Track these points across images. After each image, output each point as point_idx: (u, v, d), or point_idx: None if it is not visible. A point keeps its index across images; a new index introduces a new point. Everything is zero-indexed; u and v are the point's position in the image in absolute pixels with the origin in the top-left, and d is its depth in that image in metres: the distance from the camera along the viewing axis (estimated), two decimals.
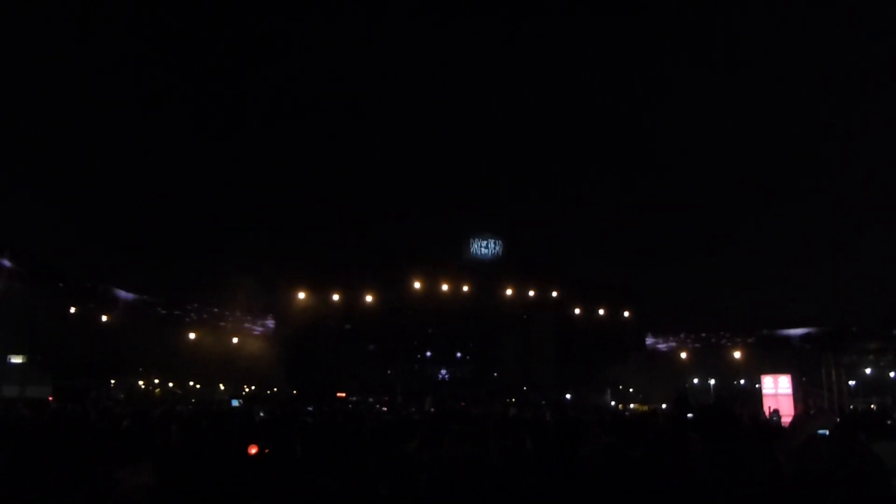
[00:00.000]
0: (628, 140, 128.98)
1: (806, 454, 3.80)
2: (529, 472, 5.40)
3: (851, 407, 29.70)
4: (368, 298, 69.56)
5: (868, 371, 54.43)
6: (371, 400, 60.51)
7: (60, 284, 58.07)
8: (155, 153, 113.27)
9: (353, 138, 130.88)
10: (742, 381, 72.06)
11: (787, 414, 21.51)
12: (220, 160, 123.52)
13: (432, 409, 30.91)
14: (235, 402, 34.74)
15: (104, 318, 59.06)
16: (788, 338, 60.77)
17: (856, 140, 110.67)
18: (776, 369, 30.39)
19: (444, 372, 76.50)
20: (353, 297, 69.98)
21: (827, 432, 3.95)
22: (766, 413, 21.30)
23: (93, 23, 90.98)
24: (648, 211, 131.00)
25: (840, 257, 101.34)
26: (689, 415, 13.55)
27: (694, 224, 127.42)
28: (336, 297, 69.55)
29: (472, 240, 77.93)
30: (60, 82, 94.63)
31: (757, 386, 64.23)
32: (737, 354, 75.08)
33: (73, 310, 56.11)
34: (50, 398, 32.34)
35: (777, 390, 23.50)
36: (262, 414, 18.84)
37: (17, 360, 47.04)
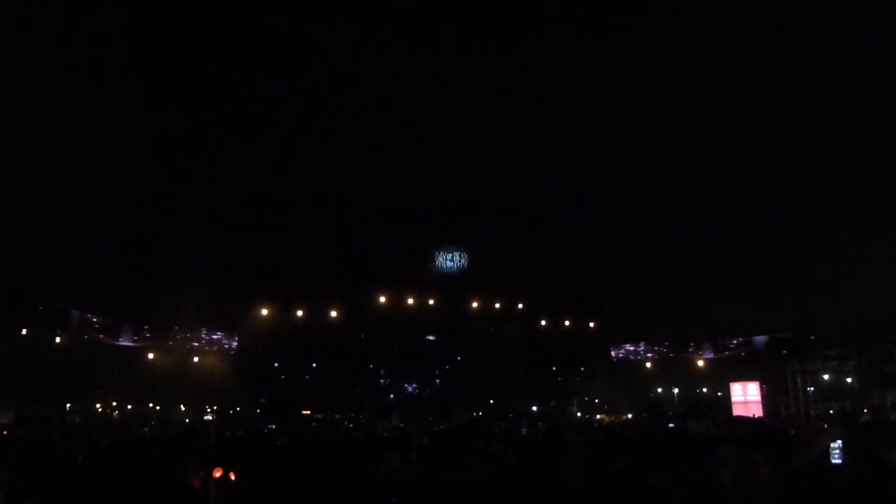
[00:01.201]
0: (591, 153, 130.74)
1: (823, 470, 3.54)
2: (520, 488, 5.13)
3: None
4: (333, 314, 68.59)
5: (825, 377, 55.54)
6: (337, 417, 59.42)
7: (12, 306, 55.93)
8: (115, 166, 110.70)
9: (317, 153, 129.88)
10: (705, 390, 72.92)
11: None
12: (182, 174, 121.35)
13: (401, 425, 30.38)
14: (208, 418, 34.15)
15: (58, 340, 57.03)
16: (751, 345, 61.66)
17: (828, 151, 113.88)
18: (739, 377, 30.69)
19: (410, 387, 75.69)
20: (316, 313, 68.92)
21: (840, 444, 3.70)
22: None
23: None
24: (611, 223, 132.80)
25: (800, 266, 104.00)
26: (671, 424, 13.41)
27: (656, 235, 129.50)
28: (300, 313, 68.40)
29: (437, 253, 77.60)
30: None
31: (720, 394, 65.18)
32: (700, 363, 76.10)
33: (24, 332, 54.08)
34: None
35: (746, 397, 23.63)
36: (226, 433, 18.12)
37: None
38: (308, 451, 7.54)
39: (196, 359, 67.02)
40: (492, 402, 68.20)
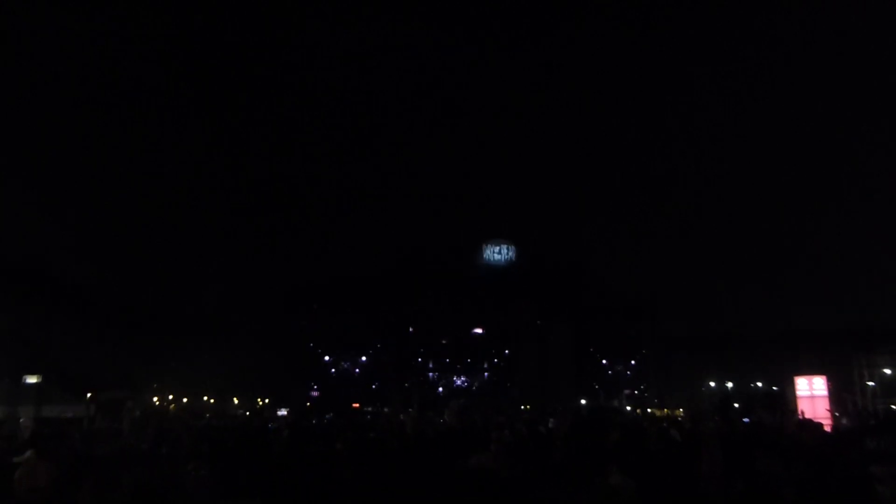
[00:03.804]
0: (646, 147, 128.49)
1: None
2: None
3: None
4: (382, 307, 69.27)
5: (887, 371, 53.40)
6: (386, 410, 60.00)
7: (73, 303, 57.91)
8: (165, 153, 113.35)
9: (364, 146, 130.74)
10: (759, 384, 70.99)
11: (822, 417, 20.84)
12: (222, 162, 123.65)
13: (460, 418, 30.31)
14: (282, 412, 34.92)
15: (120, 336, 58.84)
16: (812, 337, 59.80)
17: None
18: (798, 370, 29.79)
19: (459, 380, 75.78)
20: (366, 307, 69.64)
21: None
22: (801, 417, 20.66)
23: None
24: (663, 215, 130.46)
25: (863, 255, 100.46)
26: (745, 419, 13.07)
27: (709, 224, 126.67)
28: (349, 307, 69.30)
29: (485, 245, 77.34)
30: None
31: (775, 388, 63.36)
32: (753, 355, 74.02)
33: (87, 328, 55.87)
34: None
35: (812, 391, 22.93)
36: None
37: (31, 380, 46.79)
38: (402, 445, 7.59)
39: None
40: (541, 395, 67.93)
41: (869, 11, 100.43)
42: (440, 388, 74.01)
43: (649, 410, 59.38)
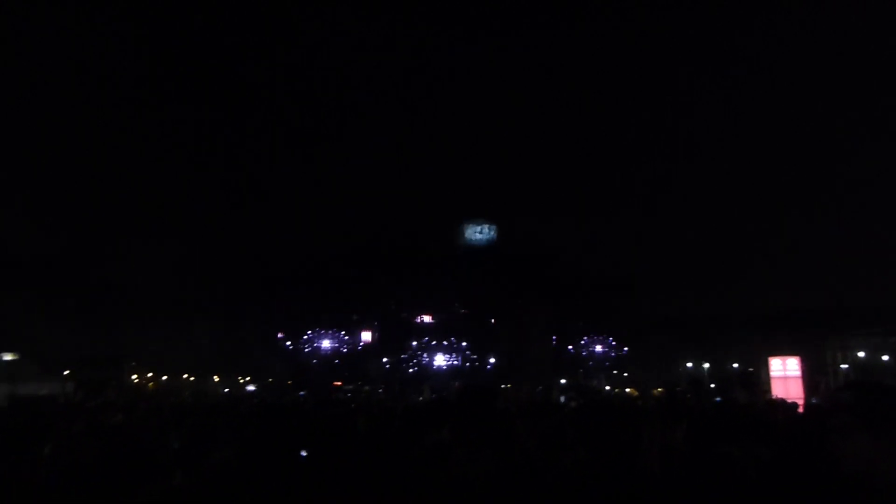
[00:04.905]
0: (624, 129, 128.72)
1: None
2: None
3: None
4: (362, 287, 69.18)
5: (861, 354, 54.38)
6: (366, 388, 60.18)
7: (48, 283, 57.19)
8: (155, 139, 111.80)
9: (348, 129, 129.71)
10: (735, 365, 72.02)
11: (795, 397, 21.17)
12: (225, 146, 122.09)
13: (433, 396, 30.57)
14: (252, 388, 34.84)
15: (95, 311, 58.31)
16: (787, 319, 60.67)
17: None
18: (773, 352, 30.22)
19: (441, 361, 76.11)
20: (346, 287, 69.49)
21: None
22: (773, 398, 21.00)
23: None
24: (640, 197, 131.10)
25: (836, 241, 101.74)
26: (717, 398, 13.21)
27: (685, 206, 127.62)
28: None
29: (465, 225, 77.40)
30: None
31: (751, 370, 64.31)
32: (729, 336, 74.91)
33: (63, 304, 55.30)
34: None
35: (786, 372, 23.28)
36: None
37: (7, 357, 46.34)
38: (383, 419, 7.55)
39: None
40: (518, 375, 68.44)
41: (869, 11, 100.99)
42: (419, 367, 74.30)
43: (627, 390, 60.03)
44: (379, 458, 4.76)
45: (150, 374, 66.30)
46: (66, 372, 45.67)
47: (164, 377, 66.60)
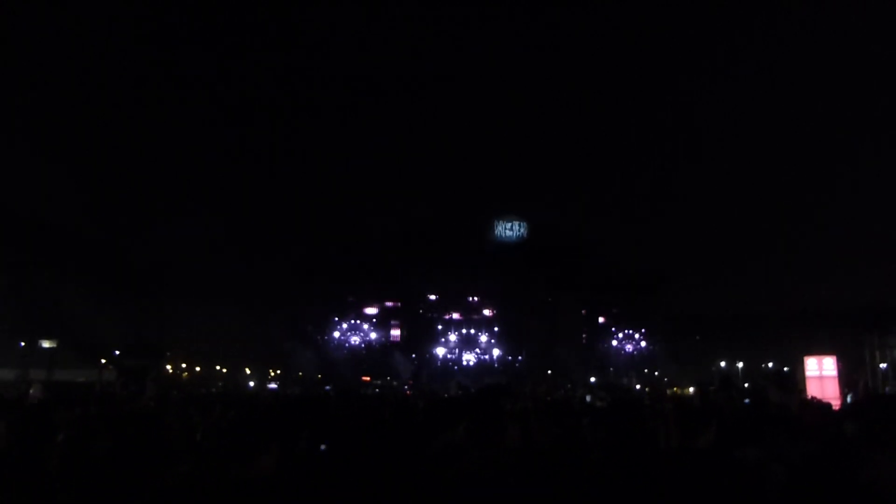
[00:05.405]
0: (656, 125, 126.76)
1: None
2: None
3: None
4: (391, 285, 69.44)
5: None
6: (395, 384, 60.48)
7: (88, 267, 58.23)
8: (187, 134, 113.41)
9: (376, 124, 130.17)
10: (770, 364, 70.64)
11: (831, 397, 20.63)
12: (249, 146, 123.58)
13: (459, 392, 30.48)
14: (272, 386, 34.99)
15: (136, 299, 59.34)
16: (825, 317, 59.19)
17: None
18: (809, 351, 29.51)
19: (470, 357, 76.05)
20: (375, 284, 69.86)
21: None
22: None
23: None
24: (673, 191, 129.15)
25: (874, 237, 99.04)
26: (746, 400, 12.89)
27: (720, 201, 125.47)
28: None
29: (496, 222, 77.03)
30: None
31: (786, 369, 63.02)
32: (764, 335, 73.48)
33: (102, 293, 56.29)
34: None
35: (822, 372, 22.68)
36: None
37: (47, 344, 47.36)
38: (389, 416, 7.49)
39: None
40: (549, 372, 68.10)
41: (869, 11, 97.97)
42: (448, 363, 74.37)
43: (674, 389, 59.23)
44: (393, 454, 4.68)
45: (183, 365, 67.49)
46: (104, 361, 46.62)
47: (198, 368, 67.73)
